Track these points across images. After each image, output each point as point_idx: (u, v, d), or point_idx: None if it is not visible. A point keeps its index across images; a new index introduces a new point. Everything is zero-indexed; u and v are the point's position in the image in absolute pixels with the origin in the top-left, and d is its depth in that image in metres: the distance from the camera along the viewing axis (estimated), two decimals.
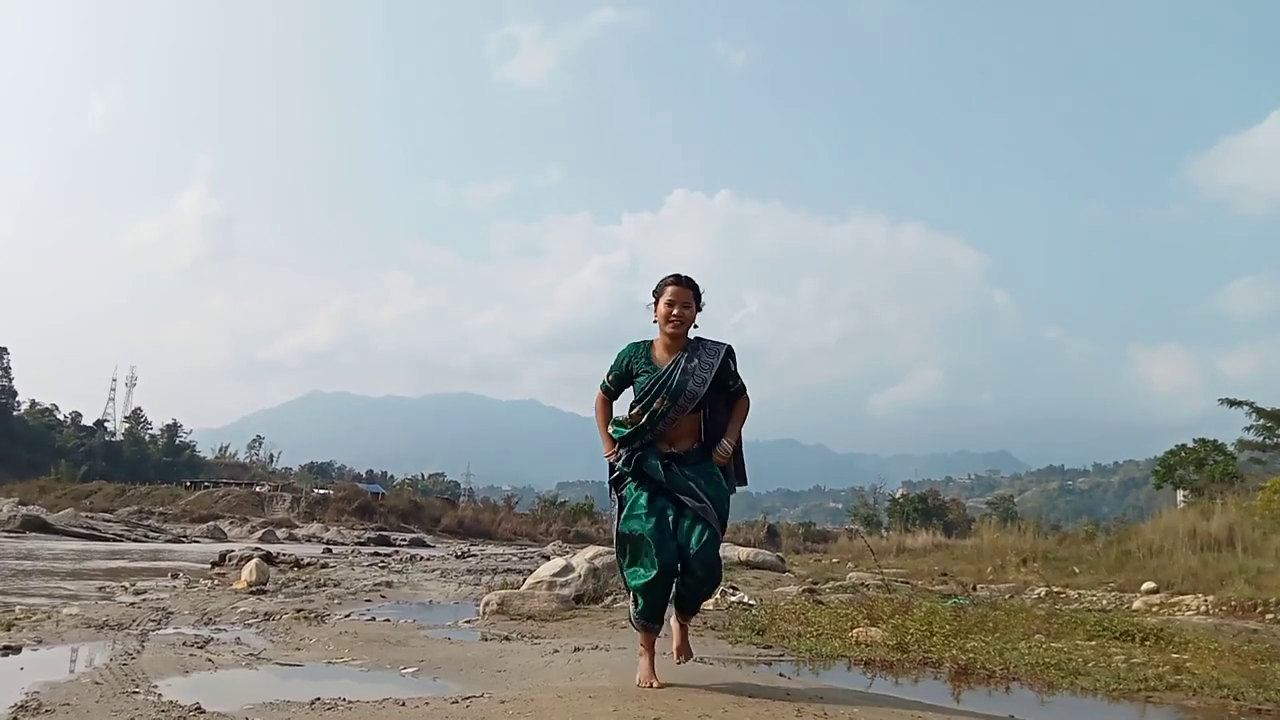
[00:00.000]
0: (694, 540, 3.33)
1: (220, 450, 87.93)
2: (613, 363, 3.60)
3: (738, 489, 3.64)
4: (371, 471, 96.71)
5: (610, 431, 3.55)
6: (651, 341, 3.56)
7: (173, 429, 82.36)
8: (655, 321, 3.53)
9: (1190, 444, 24.82)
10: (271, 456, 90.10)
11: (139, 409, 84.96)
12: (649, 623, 3.42)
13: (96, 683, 3.33)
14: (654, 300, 3.52)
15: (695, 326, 3.53)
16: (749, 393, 3.61)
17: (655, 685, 3.33)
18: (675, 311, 3.45)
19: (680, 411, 3.41)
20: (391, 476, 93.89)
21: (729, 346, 3.51)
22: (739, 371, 3.57)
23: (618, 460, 3.48)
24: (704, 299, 3.54)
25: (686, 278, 3.51)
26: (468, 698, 3.21)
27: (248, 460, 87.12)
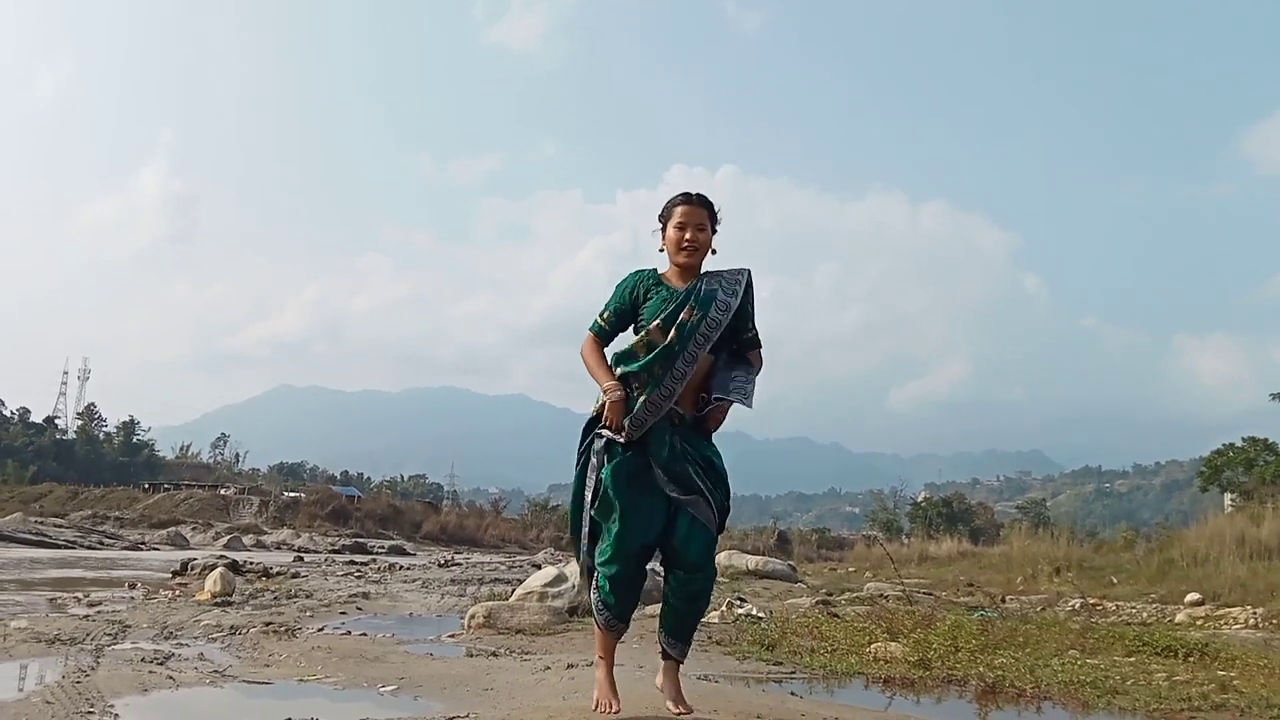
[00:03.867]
0: (687, 539, 3.04)
1: (181, 449, 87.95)
2: (611, 295, 3.25)
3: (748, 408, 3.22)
4: (346, 473, 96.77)
5: (619, 368, 3.12)
6: (660, 272, 3.25)
7: (129, 426, 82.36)
8: (662, 250, 3.23)
9: (1239, 443, 24.84)
10: (237, 456, 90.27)
11: (92, 405, 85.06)
12: (614, 619, 3.12)
13: (48, 702, 3.33)
14: (661, 225, 3.24)
15: (713, 252, 3.21)
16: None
17: (616, 710, 3.06)
18: (689, 235, 3.13)
19: (712, 330, 3.04)
20: (368, 478, 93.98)
21: (749, 271, 3.22)
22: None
23: (616, 418, 3.03)
24: (720, 219, 3.23)
25: (699, 195, 3.20)
26: (452, 718, 3.22)
27: (211, 460, 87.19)
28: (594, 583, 3.15)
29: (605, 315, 3.22)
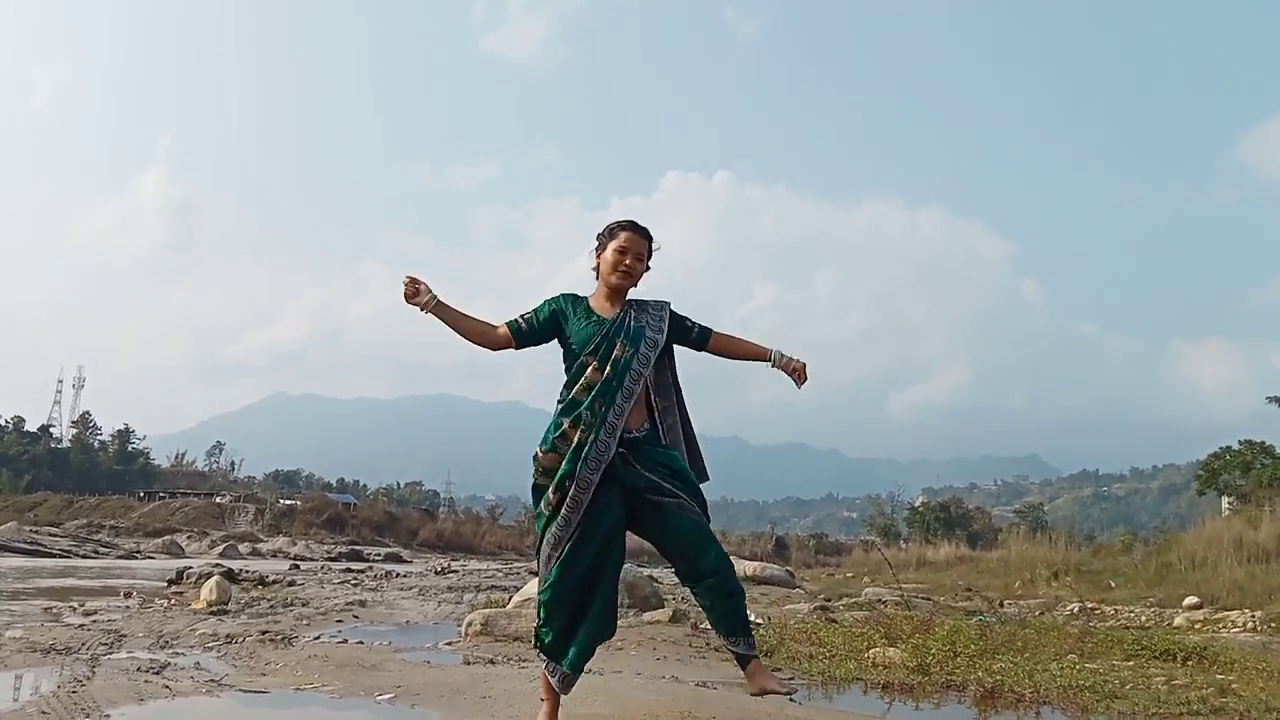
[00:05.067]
0: (693, 540, 3.03)
1: (177, 458, 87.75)
2: (536, 305, 3.24)
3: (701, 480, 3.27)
4: (342, 480, 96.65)
5: (559, 419, 3.09)
6: (584, 296, 3.26)
7: (125, 435, 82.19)
8: (595, 269, 3.24)
9: (1236, 446, 24.89)
10: (233, 464, 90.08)
11: (87, 413, 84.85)
12: (550, 659, 3.13)
13: (44, 712, 3.32)
14: (598, 246, 3.25)
15: (636, 286, 3.24)
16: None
17: None
18: (627, 261, 3.16)
19: (644, 365, 3.10)
20: (364, 486, 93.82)
21: (668, 304, 3.27)
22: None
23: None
24: (653, 257, 3.26)
25: (644, 226, 3.24)
26: None
27: (207, 469, 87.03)
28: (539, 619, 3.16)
29: (526, 316, 3.20)
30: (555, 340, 3.21)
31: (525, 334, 3.17)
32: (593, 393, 3.04)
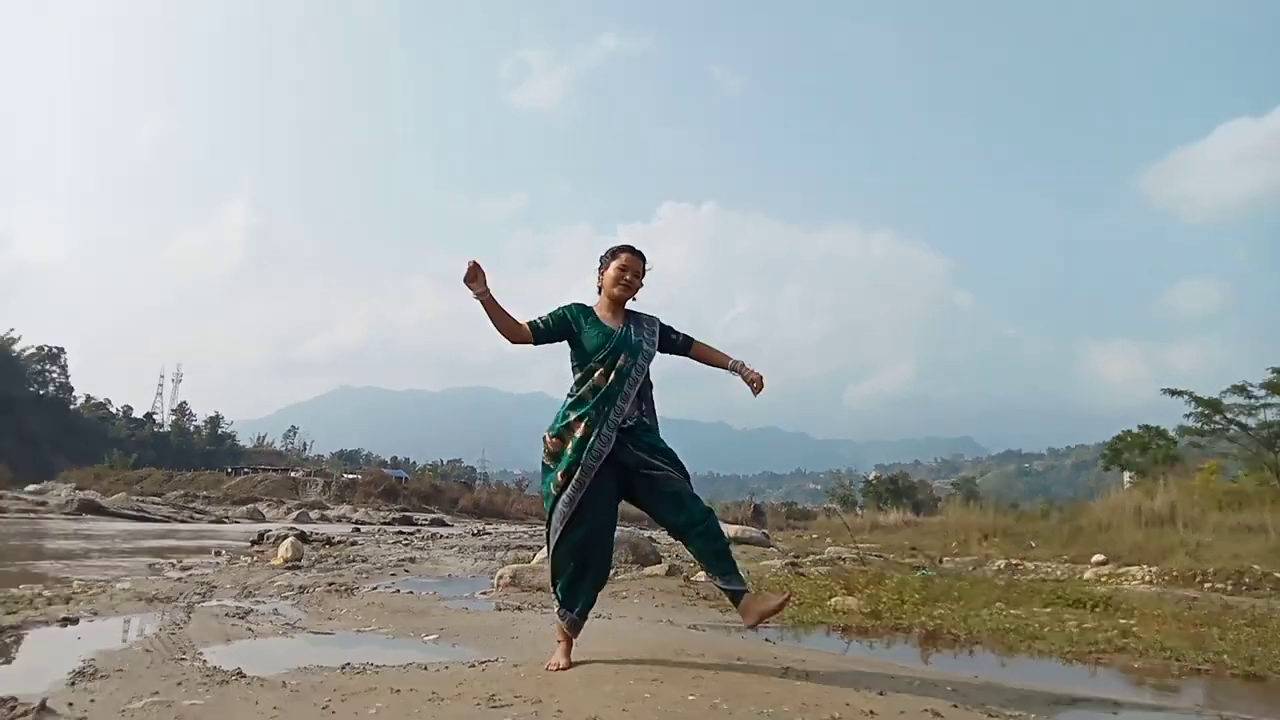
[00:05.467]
0: (678, 499, 3.07)
1: (258, 439, 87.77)
2: (555, 309, 3.26)
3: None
4: (395, 458, 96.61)
5: (568, 412, 3.14)
6: (591, 306, 3.29)
7: (215, 420, 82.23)
8: (599, 286, 3.30)
9: (1136, 430, 24.84)
10: (305, 445, 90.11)
11: (184, 403, 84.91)
12: (564, 608, 3.13)
13: (147, 650, 3.32)
14: (601, 265, 3.31)
15: (634, 300, 3.32)
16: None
17: (563, 665, 3.03)
18: (628, 277, 3.24)
19: (640, 373, 3.18)
20: (414, 463, 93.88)
21: (658, 319, 3.32)
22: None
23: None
24: (646, 275, 3.30)
25: (639, 250, 3.30)
26: (484, 662, 3.21)
27: (283, 448, 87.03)
28: (552, 578, 3.20)
29: (544, 318, 3.22)
30: (565, 340, 3.23)
31: (542, 333, 3.18)
32: (598, 395, 3.11)
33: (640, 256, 3.28)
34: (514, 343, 3.17)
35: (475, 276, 3.04)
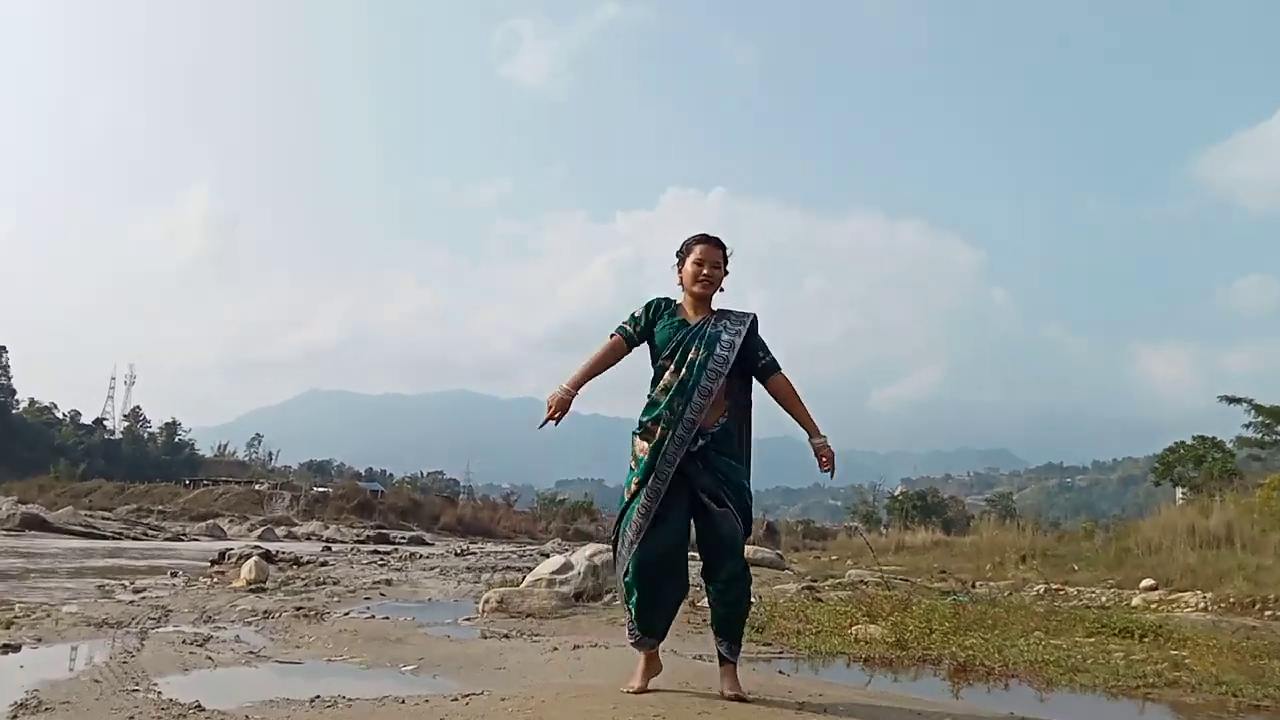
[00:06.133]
0: (723, 547, 3.13)
1: (219, 449, 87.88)
2: (637, 310, 3.34)
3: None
4: (370, 469, 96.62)
5: (643, 419, 3.18)
6: (677, 302, 3.35)
7: (171, 427, 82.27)
8: (680, 284, 3.34)
9: (1189, 441, 24.80)
10: (271, 454, 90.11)
11: (138, 407, 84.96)
12: (641, 633, 3.18)
13: (96, 680, 3.33)
14: (678, 261, 3.34)
15: (721, 290, 3.32)
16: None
17: (637, 689, 3.14)
18: (705, 271, 3.25)
19: (721, 365, 3.15)
20: (390, 474, 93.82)
21: (754, 315, 3.32)
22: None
23: (551, 409, 3.17)
24: (730, 262, 3.32)
25: (715, 236, 3.32)
26: (467, 695, 3.21)
27: (247, 458, 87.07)
28: (625, 600, 3.24)
29: (629, 321, 3.32)
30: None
31: (634, 337, 3.30)
32: (670, 393, 3.15)
33: (718, 245, 3.30)
34: (619, 361, 3.31)
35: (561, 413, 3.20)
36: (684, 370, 3.15)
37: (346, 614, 5.98)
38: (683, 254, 3.33)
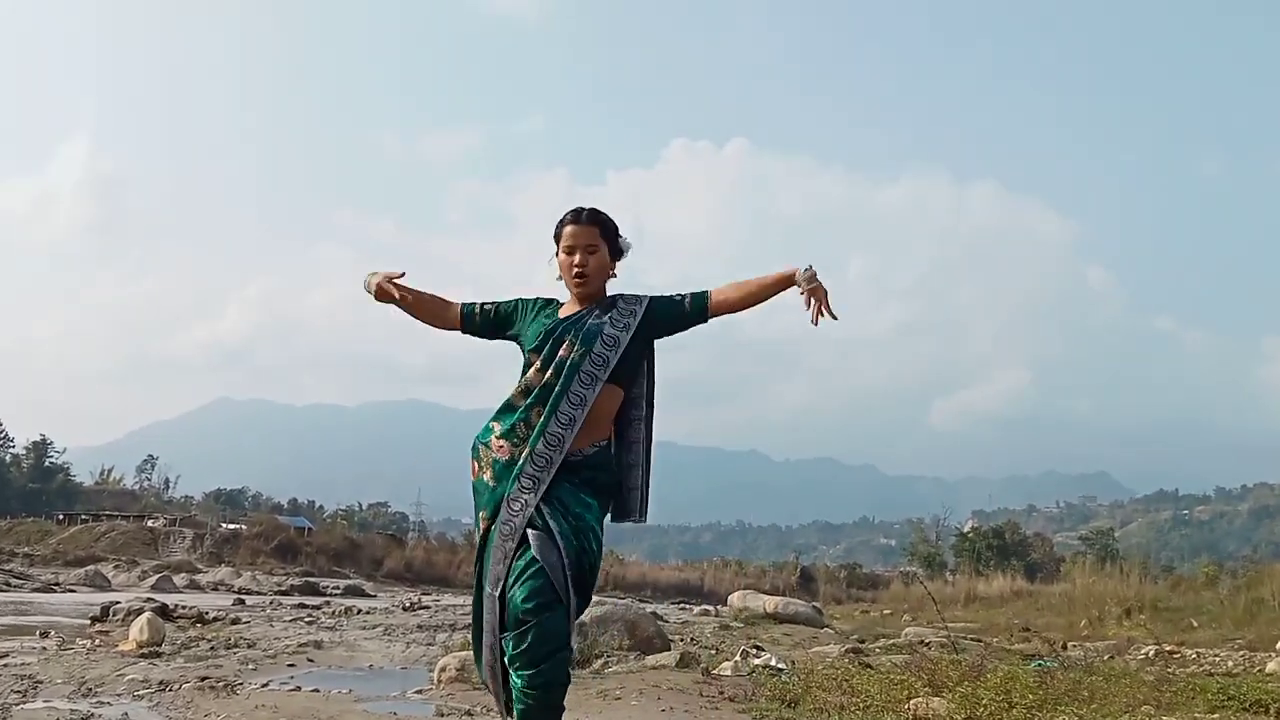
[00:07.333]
0: (517, 596, 2.84)
1: (102, 474, 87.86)
2: (503, 298, 3.24)
3: (636, 520, 3.18)
4: (295, 501, 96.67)
5: (494, 426, 3.05)
6: (560, 302, 3.20)
7: (40, 447, 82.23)
8: (559, 278, 3.16)
9: None
10: (168, 481, 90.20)
11: None
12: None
13: None
14: (556, 251, 3.15)
15: (613, 275, 3.17)
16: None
17: None
18: (578, 259, 3.05)
19: (599, 369, 2.96)
20: (320, 507, 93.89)
21: (648, 299, 3.12)
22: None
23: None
24: (625, 240, 3.17)
25: (590, 211, 3.11)
26: None
27: (137, 487, 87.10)
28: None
29: (485, 305, 3.20)
30: (507, 338, 3.20)
31: (472, 320, 3.18)
32: (530, 397, 2.99)
33: (589, 219, 3.11)
34: (442, 330, 3.21)
35: (392, 298, 3.08)
36: (549, 371, 2.97)
37: (265, 685, 5.98)
38: (556, 239, 3.14)
